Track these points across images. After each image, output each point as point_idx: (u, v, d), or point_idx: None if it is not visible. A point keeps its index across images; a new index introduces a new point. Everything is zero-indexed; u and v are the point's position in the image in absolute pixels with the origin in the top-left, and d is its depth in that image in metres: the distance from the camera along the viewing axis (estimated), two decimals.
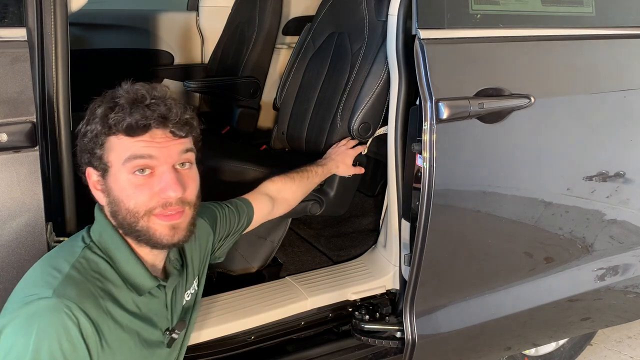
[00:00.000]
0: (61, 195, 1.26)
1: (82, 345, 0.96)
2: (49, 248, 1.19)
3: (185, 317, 1.27)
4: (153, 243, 1.06)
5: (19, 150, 1.14)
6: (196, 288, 1.31)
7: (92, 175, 1.08)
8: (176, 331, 1.19)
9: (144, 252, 1.10)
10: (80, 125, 1.07)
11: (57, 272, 1.00)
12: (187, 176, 1.07)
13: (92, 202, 1.13)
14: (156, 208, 1.04)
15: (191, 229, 1.10)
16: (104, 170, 1.05)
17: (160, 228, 1.05)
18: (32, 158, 1.15)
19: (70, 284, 0.98)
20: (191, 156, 1.09)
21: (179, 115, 1.04)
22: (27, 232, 1.17)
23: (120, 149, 1.02)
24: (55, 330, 0.93)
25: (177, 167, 1.06)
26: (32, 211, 1.16)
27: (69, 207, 1.27)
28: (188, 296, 1.26)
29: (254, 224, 1.52)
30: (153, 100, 1.03)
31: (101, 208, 1.10)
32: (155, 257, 1.13)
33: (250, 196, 1.52)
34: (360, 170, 1.86)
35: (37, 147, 1.15)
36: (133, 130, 1.01)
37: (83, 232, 1.12)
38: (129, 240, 1.08)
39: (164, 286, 1.15)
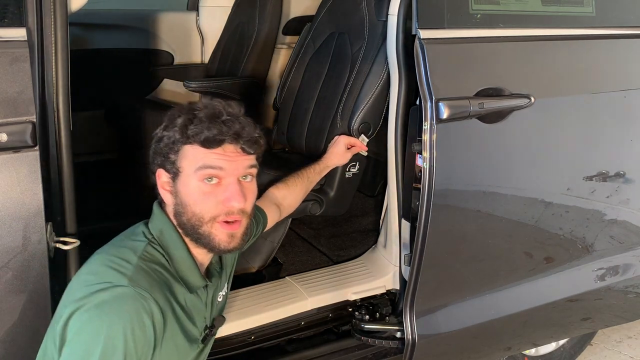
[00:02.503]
0: (61, 195, 1.26)
1: (151, 332, 1.02)
2: (49, 248, 1.19)
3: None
4: (211, 247, 1.15)
5: (19, 150, 1.14)
6: (227, 290, 1.38)
7: (162, 177, 1.16)
8: (215, 328, 1.27)
9: (198, 252, 1.18)
10: (157, 131, 1.16)
11: (126, 262, 1.06)
12: (248, 189, 1.16)
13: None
14: (220, 215, 1.13)
15: (245, 239, 1.19)
16: (175, 174, 1.13)
17: (220, 234, 1.14)
18: (32, 158, 1.15)
19: (141, 274, 1.05)
20: (254, 171, 1.18)
21: (250, 134, 1.13)
22: (27, 232, 1.17)
23: (193, 157, 1.11)
24: (129, 316, 0.99)
25: (241, 179, 1.15)
26: (32, 211, 1.16)
27: (69, 207, 1.27)
28: (220, 298, 1.33)
29: (271, 223, 1.59)
30: (229, 117, 1.12)
31: (162, 206, 1.18)
32: (204, 258, 1.21)
33: (262, 204, 1.57)
34: (353, 151, 1.81)
35: (37, 147, 1.15)
36: (209, 143, 1.10)
37: (141, 227, 1.18)
38: (186, 240, 1.16)
39: (207, 286, 1.22)
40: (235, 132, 1.11)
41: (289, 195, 1.65)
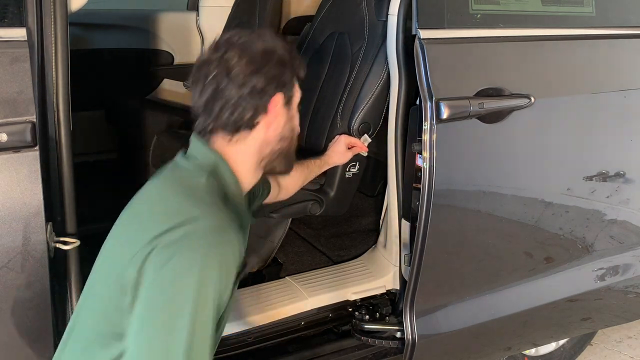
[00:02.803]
0: (61, 195, 1.26)
1: (235, 265, 1.00)
2: (49, 248, 1.19)
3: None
4: (291, 166, 1.27)
5: (19, 150, 1.14)
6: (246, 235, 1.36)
7: (278, 102, 1.16)
8: (246, 266, 1.24)
9: (247, 182, 1.18)
10: (259, 60, 1.13)
11: (195, 195, 1.04)
12: None
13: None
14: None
15: None
16: (289, 100, 1.19)
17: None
18: (32, 158, 1.15)
19: (215, 205, 1.04)
20: None
21: None
22: (27, 232, 1.17)
23: (297, 85, 1.22)
24: (222, 248, 0.97)
25: None
26: (32, 211, 1.16)
27: (69, 207, 1.27)
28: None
29: (266, 200, 1.58)
30: None
31: (207, 140, 1.13)
32: (246, 190, 1.21)
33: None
34: (354, 151, 1.81)
35: (37, 147, 1.15)
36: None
37: (184, 162, 1.13)
38: (241, 171, 1.15)
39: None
40: None
41: (288, 176, 1.63)
